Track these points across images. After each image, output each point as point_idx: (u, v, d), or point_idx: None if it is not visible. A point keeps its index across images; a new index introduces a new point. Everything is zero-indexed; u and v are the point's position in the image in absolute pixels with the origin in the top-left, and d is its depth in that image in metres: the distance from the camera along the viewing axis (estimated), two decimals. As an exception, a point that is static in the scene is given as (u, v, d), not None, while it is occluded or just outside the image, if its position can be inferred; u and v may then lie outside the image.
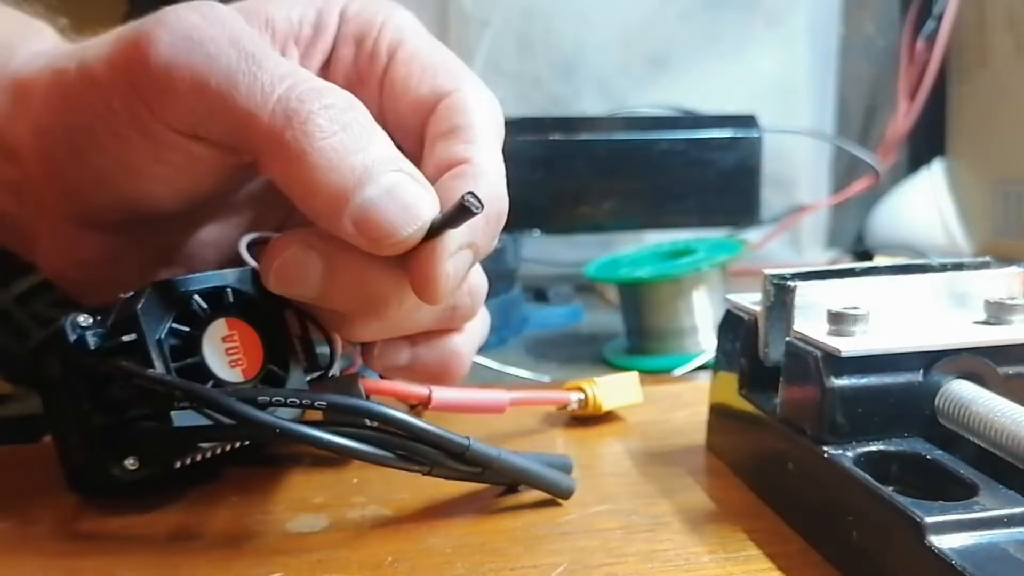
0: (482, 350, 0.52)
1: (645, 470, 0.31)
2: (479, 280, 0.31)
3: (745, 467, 0.30)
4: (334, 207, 0.24)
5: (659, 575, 0.24)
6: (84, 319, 0.27)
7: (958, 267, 0.28)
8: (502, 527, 0.27)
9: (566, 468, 0.29)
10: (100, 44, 0.27)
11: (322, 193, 0.24)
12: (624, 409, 0.36)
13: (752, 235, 0.73)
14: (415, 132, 0.29)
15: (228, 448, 0.29)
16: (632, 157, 0.64)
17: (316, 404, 0.25)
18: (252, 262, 0.29)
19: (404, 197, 0.24)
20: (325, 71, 0.30)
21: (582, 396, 0.35)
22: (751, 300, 0.29)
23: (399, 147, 0.26)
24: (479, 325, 0.33)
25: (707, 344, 0.48)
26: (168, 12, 0.25)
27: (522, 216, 0.63)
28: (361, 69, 0.29)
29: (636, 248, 0.57)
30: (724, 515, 0.27)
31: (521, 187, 0.63)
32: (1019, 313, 0.26)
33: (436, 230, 0.25)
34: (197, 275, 0.28)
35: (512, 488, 0.29)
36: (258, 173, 0.30)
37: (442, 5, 0.75)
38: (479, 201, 0.23)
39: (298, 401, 0.25)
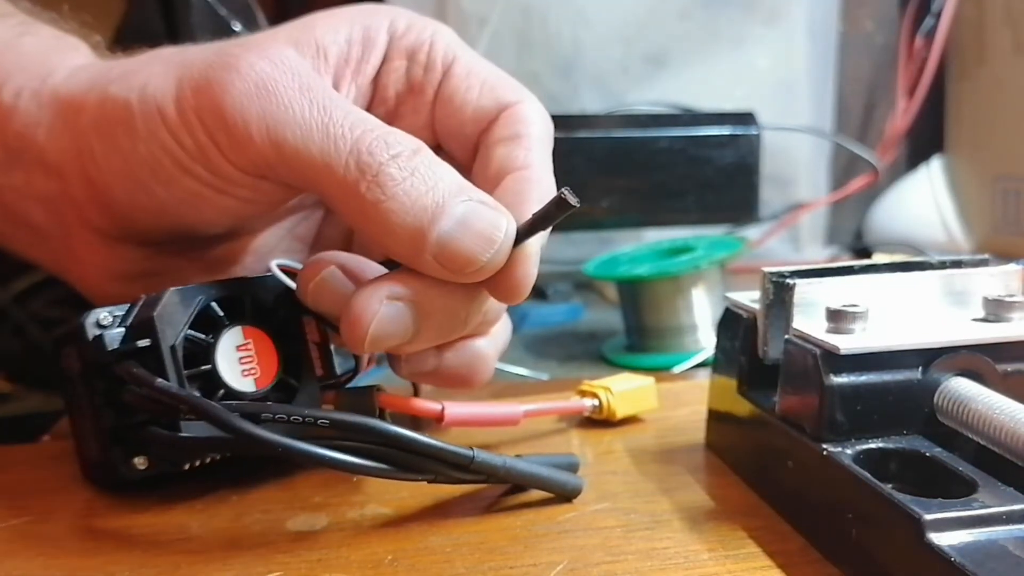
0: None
1: (645, 468, 0.31)
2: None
3: (744, 465, 0.30)
4: (414, 246, 0.25)
5: (659, 573, 0.24)
6: (104, 317, 0.28)
7: (957, 264, 0.28)
8: (502, 526, 0.27)
9: (573, 467, 0.30)
10: (161, 77, 0.27)
11: (401, 235, 0.25)
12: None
13: (751, 233, 0.73)
14: (471, 140, 0.30)
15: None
16: (631, 155, 0.64)
17: (320, 422, 0.25)
18: (289, 282, 0.29)
19: (478, 224, 0.25)
20: (376, 83, 0.31)
21: (596, 403, 0.35)
22: (750, 298, 0.29)
23: (451, 154, 0.28)
24: (503, 328, 0.33)
25: (706, 342, 0.48)
26: (239, 59, 0.26)
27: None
28: (414, 80, 0.31)
29: (635, 246, 0.58)
30: (724, 513, 0.27)
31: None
32: (1018, 310, 0.26)
33: (530, 231, 0.25)
34: (218, 281, 0.28)
35: (519, 487, 0.29)
36: (331, 212, 0.32)
37: (440, 3, 0.75)
38: (575, 196, 0.24)
39: (301, 419, 0.25)
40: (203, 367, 0.27)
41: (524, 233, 0.26)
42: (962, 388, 0.24)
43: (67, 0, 0.35)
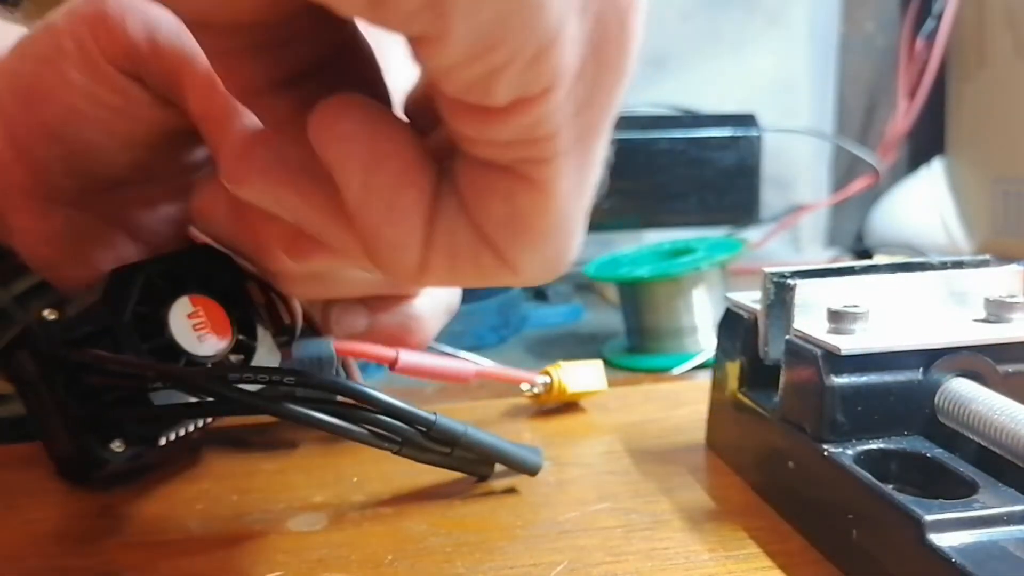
0: (482, 349, 0.52)
1: (645, 468, 0.31)
2: None
3: (745, 465, 0.30)
4: None
5: (659, 573, 0.24)
6: (49, 313, 0.28)
7: (958, 265, 0.28)
8: (502, 526, 0.27)
9: (535, 454, 0.30)
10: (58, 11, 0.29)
11: None
12: (624, 411, 0.37)
13: (752, 234, 0.73)
14: None
15: (212, 422, 0.29)
16: (632, 156, 0.64)
17: (286, 380, 0.26)
18: (223, 248, 0.30)
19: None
20: None
21: (548, 380, 0.36)
22: (751, 299, 0.29)
23: None
24: (442, 292, 0.32)
25: (706, 343, 0.48)
26: None
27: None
28: None
29: (636, 247, 0.58)
30: (724, 513, 0.27)
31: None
32: (1019, 311, 0.26)
33: None
34: (154, 258, 0.29)
35: (482, 477, 0.30)
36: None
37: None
38: None
39: (268, 377, 0.26)
40: (159, 340, 0.27)
41: None
42: (963, 389, 0.24)
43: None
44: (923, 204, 0.82)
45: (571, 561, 0.24)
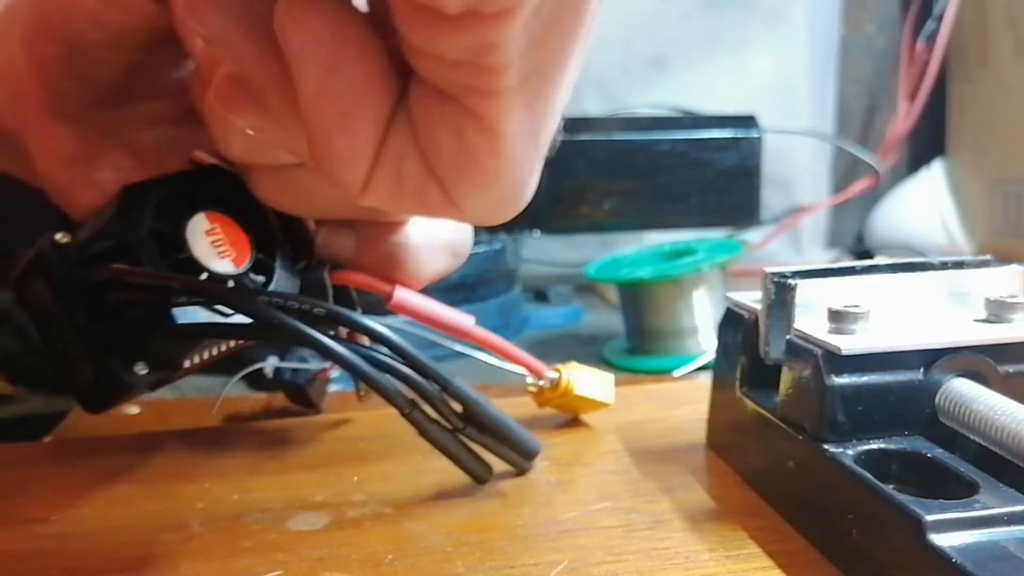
0: (482, 349, 0.52)
1: (645, 468, 0.31)
2: None
3: (745, 465, 0.30)
4: None
5: (659, 573, 0.24)
6: (61, 236, 0.27)
7: (958, 265, 0.28)
8: (502, 525, 0.27)
9: (536, 447, 0.30)
10: None
11: None
12: (624, 410, 0.36)
13: (752, 235, 0.73)
14: None
15: (234, 344, 0.28)
16: (632, 157, 0.64)
17: (315, 310, 0.25)
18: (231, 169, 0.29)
19: None
20: None
21: (556, 375, 0.34)
22: (751, 298, 0.29)
23: None
24: (443, 228, 0.31)
25: (707, 345, 0.48)
26: None
27: (522, 216, 0.63)
28: None
29: (636, 248, 0.58)
30: (724, 513, 0.27)
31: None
32: (1020, 311, 0.26)
33: None
34: (166, 176, 0.28)
35: (480, 480, 0.29)
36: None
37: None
38: None
39: (297, 305, 0.25)
40: (179, 256, 0.27)
41: None
42: (963, 389, 0.24)
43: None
44: (924, 205, 0.82)
45: (571, 560, 0.24)
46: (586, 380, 0.35)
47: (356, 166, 0.19)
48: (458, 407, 0.28)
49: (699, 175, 0.65)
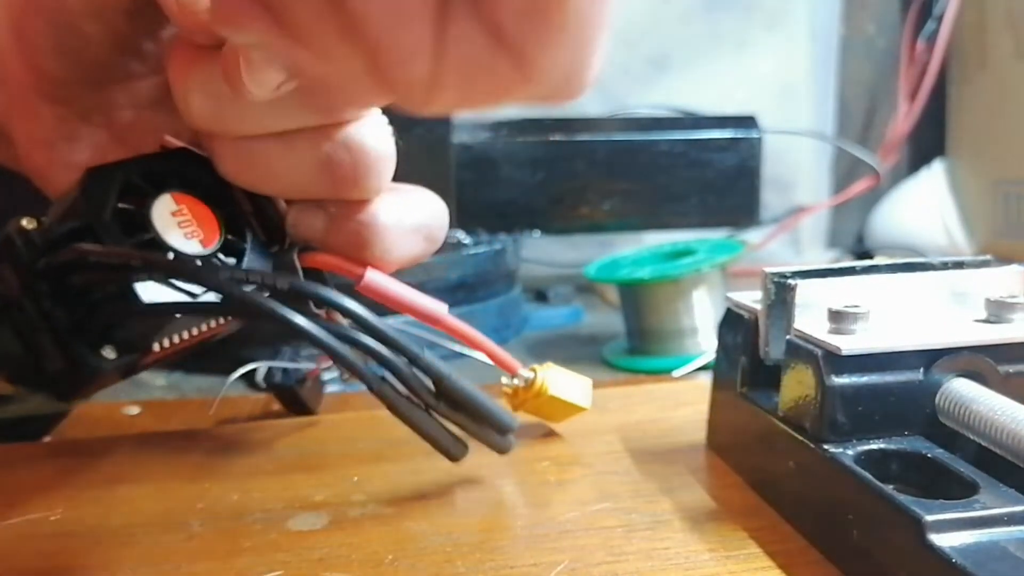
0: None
1: (645, 468, 0.31)
2: (374, 141, 0.28)
3: (745, 465, 0.30)
4: None
5: (659, 573, 0.24)
6: (27, 222, 0.27)
7: (958, 265, 0.28)
8: (502, 525, 0.27)
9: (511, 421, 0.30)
10: None
11: None
12: (625, 411, 0.37)
13: (752, 236, 0.73)
14: None
15: (205, 329, 0.28)
16: (632, 158, 0.64)
17: (279, 285, 0.25)
18: (202, 153, 0.29)
19: None
20: None
21: (531, 375, 0.33)
22: (752, 298, 0.29)
23: None
24: (413, 198, 0.31)
25: (707, 345, 0.48)
26: None
27: (522, 216, 0.63)
28: None
29: (636, 249, 0.57)
30: (724, 513, 0.27)
31: (521, 188, 0.63)
32: (1020, 311, 0.26)
33: None
34: (134, 157, 0.28)
35: (453, 458, 0.29)
36: None
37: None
38: None
39: (260, 280, 0.25)
40: (143, 236, 0.26)
41: None
42: (963, 389, 0.24)
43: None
44: (924, 206, 0.82)
45: (571, 561, 0.24)
46: (562, 382, 0.34)
47: (419, 59, 0.17)
48: (430, 385, 0.27)
49: (699, 175, 0.65)
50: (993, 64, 0.75)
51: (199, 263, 0.25)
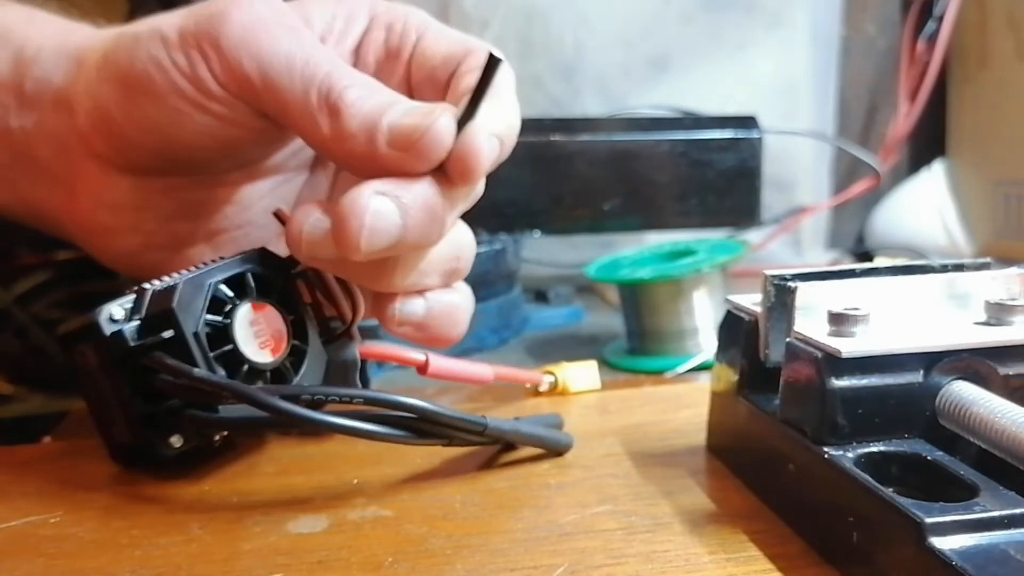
0: (483, 351, 0.52)
1: (646, 471, 0.31)
2: (469, 239, 0.33)
3: (746, 468, 0.30)
4: (370, 137, 0.28)
5: (659, 576, 0.24)
6: (116, 311, 0.29)
7: (958, 268, 0.28)
8: (502, 528, 0.27)
9: (559, 424, 0.34)
10: (168, 17, 0.31)
11: (358, 133, 0.28)
12: (625, 413, 0.36)
13: (753, 236, 0.73)
14: (442, 83, 0.33)
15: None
16: (633, 158, 0.64)
17: (355, 400, 0.27)
18: (280, 253, 0.32)
19: (420, 109, 0.28)
20: (356, 52, 0.34)
21: (553, 379, 0.40)
22: (752, 301, 0.29)
23: (424, 100, 0.30)
24: (468, 289, 0.35)
25: (707, 345, 0.48)
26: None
27: (523, 217, 0.63)
28: (391, 47, 0.34)
29: (637, 249, 0.57)
30: (725, 516, 0.27)
31: (522, 188, 0.63)
32: (1020, 314, 0.26)
33: (473, 105, 0.28)
34: (219, 264, 0.30)
35: (510, 446, 0.32)
36: (312, 176, 0.36)
37: (443, 6, 0.75)
38: (498, 52, 0.27)
39: (338, 399, 0.27)
40: (225, 348, 0.29)
41: (469, 110, 0.28)
42: (963, 391, 0.24)
43: (76, 7, 0.38)
44: (924, 206, 0.82)
45: (571, 563, 0.24)
46: (578, 377, 0.41)
47: None
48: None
49: (699, 176, 0.65)
50: (993, 64, 0.75)
51: (280, 401, 0.27)
